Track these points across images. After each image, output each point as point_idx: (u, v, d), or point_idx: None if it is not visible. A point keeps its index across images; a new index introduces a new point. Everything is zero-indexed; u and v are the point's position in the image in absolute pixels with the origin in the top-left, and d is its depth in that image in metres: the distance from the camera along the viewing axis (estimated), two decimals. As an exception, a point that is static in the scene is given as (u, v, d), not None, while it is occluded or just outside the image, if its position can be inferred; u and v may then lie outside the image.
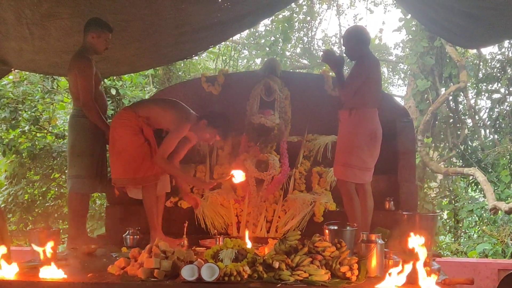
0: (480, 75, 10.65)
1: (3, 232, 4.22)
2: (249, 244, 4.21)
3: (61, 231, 4.84)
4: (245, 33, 12.24)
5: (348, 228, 4.05)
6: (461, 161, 10.35)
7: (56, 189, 8.49)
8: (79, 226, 5.15)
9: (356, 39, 4.69)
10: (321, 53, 5.61)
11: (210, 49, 9.11)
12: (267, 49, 11.78)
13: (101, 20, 4.90)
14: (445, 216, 9.90)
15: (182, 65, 10.76)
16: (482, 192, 9.24)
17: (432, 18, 5.69)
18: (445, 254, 8.43)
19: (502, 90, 10.53)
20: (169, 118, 4.78)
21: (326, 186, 5.57)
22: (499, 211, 8.13)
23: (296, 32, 13.13)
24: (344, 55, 4.86)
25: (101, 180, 5.22)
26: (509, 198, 8.79)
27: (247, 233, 4.52)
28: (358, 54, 4.69)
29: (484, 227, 9.07)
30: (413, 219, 4.55)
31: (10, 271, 3.53)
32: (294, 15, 12.61)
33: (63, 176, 8.15)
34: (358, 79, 4.60)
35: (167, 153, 4.68)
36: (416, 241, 3.18)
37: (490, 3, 4.32)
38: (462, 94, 10.39)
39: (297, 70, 12.86)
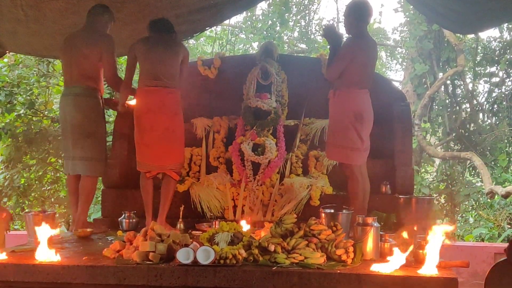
0: (478, 58, 10.61)
1: None
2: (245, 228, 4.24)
3: (57, 215, 4.81)
4: (242, 16, 12.17)
5: (344, 211, 4.05)
6: (458, 145, 10.35)
7: (52, 173, 8.47)
8: (86, 210, 5.15)
9: (354, 14, 4.66)
10: (321, 31, 5.58)
11: (206, 31, 9.04)
12: (264, 32, 11.70)
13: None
14: (442, 200, 9.92)
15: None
16: (479, 176, 9.25)
17: (427, 4, 5.62)
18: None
19: (500, 73, 10.51)
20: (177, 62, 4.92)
21: (323, 169, 5.56)
22: (496, 195, 8.14)
23: (294, 16, 13.02)
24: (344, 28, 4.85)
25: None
26: (506, 182, 8.80)
27: None
28: (354, 29, 4.67)
29: (480, 211, 9.09)
30: (409, 203, 4.57)
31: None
32: (291, -2, 12.52)
33: (60, 160, 8.10)
34: (342, 62, 4.58)
35: None
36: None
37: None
38: (460, 78, 10.37)
39: (295, 54, 12.78)
